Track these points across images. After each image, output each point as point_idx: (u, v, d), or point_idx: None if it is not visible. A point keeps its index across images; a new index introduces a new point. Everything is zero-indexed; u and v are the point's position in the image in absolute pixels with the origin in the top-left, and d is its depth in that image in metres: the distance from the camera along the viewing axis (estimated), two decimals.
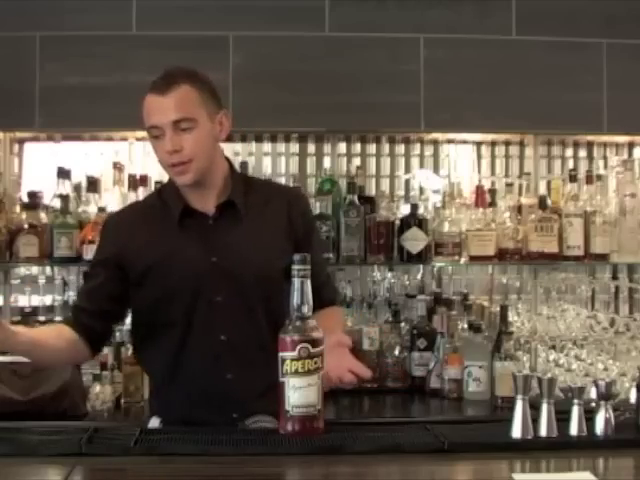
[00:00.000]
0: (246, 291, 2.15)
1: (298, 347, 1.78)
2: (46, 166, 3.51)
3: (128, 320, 3.32)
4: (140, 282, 2.17)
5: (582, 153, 3.86)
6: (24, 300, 3.64)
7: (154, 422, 2.23)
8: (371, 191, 3.69)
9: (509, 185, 3.57)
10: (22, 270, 3.61)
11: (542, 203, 3.41)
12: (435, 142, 3.80)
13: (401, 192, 3.77)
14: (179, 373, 2.18)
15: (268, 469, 1.70)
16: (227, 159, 2.29)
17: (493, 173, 3.83)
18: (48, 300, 3.66)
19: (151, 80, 2.13)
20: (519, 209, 3.49)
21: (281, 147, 3.77)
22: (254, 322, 2.16)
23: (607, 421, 1.84)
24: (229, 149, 3.67)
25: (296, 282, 1.82)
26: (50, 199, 3.37)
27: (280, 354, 1.80)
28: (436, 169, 3.78)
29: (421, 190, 3.70)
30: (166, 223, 2.19)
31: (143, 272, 2.16)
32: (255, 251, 2.16)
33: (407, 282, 3.65)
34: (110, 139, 3.65)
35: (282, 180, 3.73)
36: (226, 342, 2.15)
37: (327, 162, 3.69)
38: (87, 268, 2.45)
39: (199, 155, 2.12)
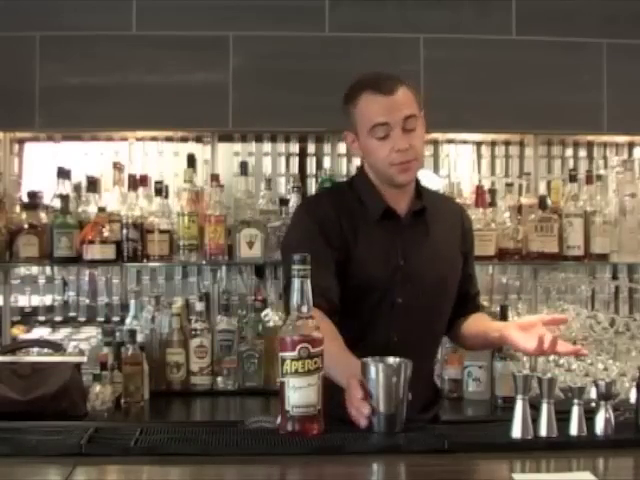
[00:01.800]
0: (425, 297, 2.20)
1: (298, 347, 1.78)
2: (46, 166, 3.51)
3: (128, 320, 3.39)
4: (340, 272, 2.15)
5: (582, 153, 3.85)
6: (24, 300, 3.65)
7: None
8: None
9: (509, 185, 3.57)
10: (22, 270, 3.62)
11: (542, 203, 3.41)
12: (435, 142, 3.79)
13: None
14: None
15: (268, 469, 1.70)
16: None
17: (493, 173, 3.83)
18: (48, 300, 3.67)
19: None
20: (519, 209, 3.49)
21: (281, 147, 3.76)
22: (425, 328, 2.22)
23: (607, 421, 1.84)
24: (229, 149, 3.68)
25: (296, 282, 1.82)
26: (50, 199, 3.37)
27: (280, 354, 1.80)
28: (436, 169, 3.78)
29: None
30: (365, 219, 2.21)
31: (345, 262, 2.16)
32: (438, 259, 2.22)
33: None
34: (110, 139, 3.65)
35: (282, 180, 3.73)
36: (397, 343, 2.15)
37: (327, 162, 3.69)
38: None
39: (420, 154, 2.22)
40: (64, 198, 3.27)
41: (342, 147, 3.72)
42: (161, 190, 3.37)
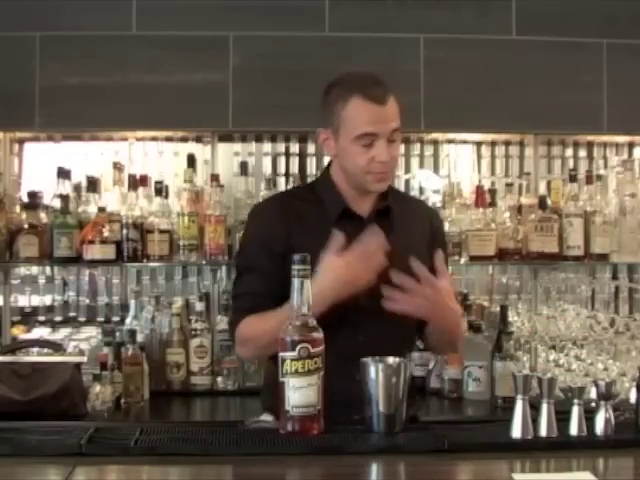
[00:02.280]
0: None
1: (298, 347, 1.78)
2: (46, 166, 3.51)
3: (128, 320, 3.39)
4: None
5: (582, 153, 3.85)
6: (24, 300, 3.65)
7: (266, 418, 2.19)
8: None
9: (509, 185, 3.57)
10: (22, 270, 3.62)
11: (542, 203, 3.41)
12: (435, 142, 3.80)
13: None
14: None
15: (268, 469, 1.70)
16: None
17: (493, 173, 3.83)
18: (48, 300, 3.67)
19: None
20: (519, 209, 3.49)
21: (281, 147, 3.77)
22: (392, 328, 2.18)
23: (607, 421, 1.84)
24: (229, 149, 3.68)
25: (296, 282, 1.82)
26: (50, 199, 3.36)
27: (280, 354, 1.80)
28: (436, 169, 3.78)
29: (421, 190, 3.70)
30: (322, 220, 2.21)
31: None
32: (403, 259, 2.18)
33: None
34: (110, 139, 3.65)
35: (282, 180, 3.73)
36: (362, 343, 2.13)
37: (327, 162, 3.68)
38: (241, 260, 2.33)
39: (396, 164, 2.25)
40: (64, 198, 3.27)
41: None
42: (161, 190, 3.36)
